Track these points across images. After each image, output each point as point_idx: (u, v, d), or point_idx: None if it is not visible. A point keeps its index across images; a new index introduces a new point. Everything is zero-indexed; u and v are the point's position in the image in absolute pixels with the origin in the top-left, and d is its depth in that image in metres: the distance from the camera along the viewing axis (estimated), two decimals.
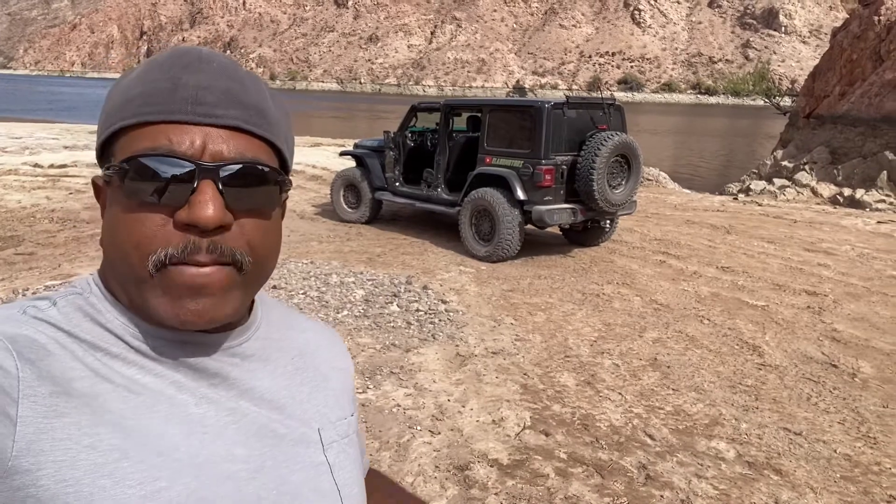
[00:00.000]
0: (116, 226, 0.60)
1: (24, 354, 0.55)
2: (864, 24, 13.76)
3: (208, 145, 0.59)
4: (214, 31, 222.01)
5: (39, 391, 0.54)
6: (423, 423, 3.46)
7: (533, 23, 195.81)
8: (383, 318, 5.02)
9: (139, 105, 0.60)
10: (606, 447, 3.30)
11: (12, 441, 0.52)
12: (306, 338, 0.78)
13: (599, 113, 7.07)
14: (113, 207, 0.61)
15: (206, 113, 0.59)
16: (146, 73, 0.62)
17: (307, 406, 0.72)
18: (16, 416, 0.53)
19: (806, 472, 3.14)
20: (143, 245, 0.58)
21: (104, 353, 0.60)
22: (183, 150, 0.58)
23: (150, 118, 0.59)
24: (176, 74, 0.60)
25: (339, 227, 8.47)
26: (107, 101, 0.64)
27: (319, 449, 0.70)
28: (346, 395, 0.79)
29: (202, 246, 0.58)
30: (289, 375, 0.72)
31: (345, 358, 0.83)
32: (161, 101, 0.59)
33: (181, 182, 0.58)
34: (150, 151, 0.58)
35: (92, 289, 0.64)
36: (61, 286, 5.41)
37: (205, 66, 0.61)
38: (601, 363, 4.37)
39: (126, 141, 0.60)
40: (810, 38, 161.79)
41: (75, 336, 0.59)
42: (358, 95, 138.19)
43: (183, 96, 0.59)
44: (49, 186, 10.36)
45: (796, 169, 13.25)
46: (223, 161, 0.59)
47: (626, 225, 8.65)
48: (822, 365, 4.45)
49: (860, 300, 5.87)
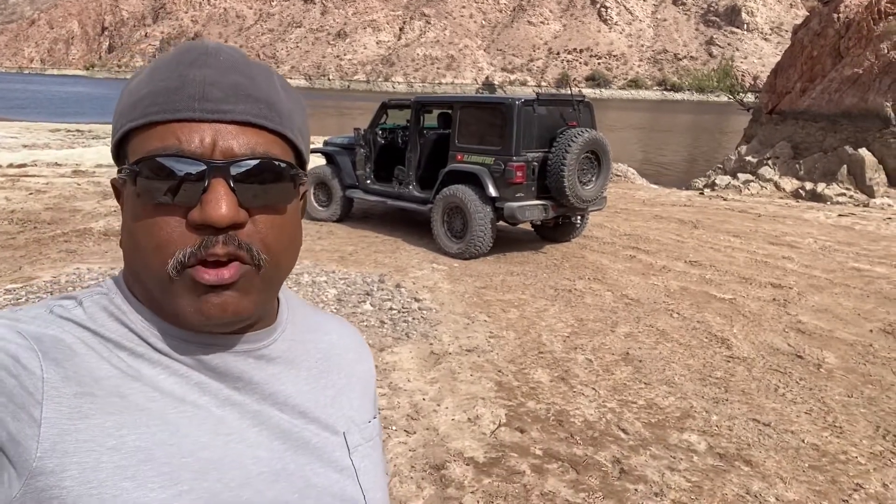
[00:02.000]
0: (134, 229, 0.59)
1: (49, 354, 0.55)
2: (824, 22, 14.10)
3: (218, 142, 0.58)
4: (178, 26, 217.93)
5: (64, 392, 0.54)
6: (398, 423, 3.45)
7: (501, 19, 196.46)
8: (356, 317, 4.98)
9: (147, 105, 0.59)
10: (581, 442, 3.33)
11: (37, 442, 0.52)
12: (331, 340, 0.77)
13: (569, 110, 7.12)
14: (129, 210, 0.61)
15: (214, 109, 0.58)
16: (154, 72, 0.61)
17: (332, 410, 0.71)
18: (40, 417, 0.53)
19: (775, 462, 3.21)
20: (161, 247, 0.57)
21: (129, 354, 0.60)
22: (192, 149, 0.57)
23: (158, 118, 0.58)
24: (182, 71, 0.59)
25: (310, 225, 8.39)
26: (118, 102, 0.63)
27: (345, 453, 0.69)
28: (369, 397, 0.78)
29: (218, 239, 0.57)
30: (313, 379, 0.71)
31: (368, 360, 0.82)
32: (168, 100, 0.58)
33: (192, 181, 0.57)
34: (160, 152, 0.57)
35: (116, 290, 0.64)
36: (22, 289, 5.25)
37: (211, 61, 0.60)
38: (574, 359, 4.40)
39: (137, 142, 0.60)
40: (772, 35, 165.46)
41: (101, 336, 0.59)
42: (327, 92, 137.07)
43: (190, 93, 0.58)
44: (8, 187, 10.05)
45: (760, 164, 13.53)
46: (234, 158, 0.58)
47: (596, 221, 8.73)
48: (789, 356, 4.55)
49: (823, 292, 6.02)
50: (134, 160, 0.59)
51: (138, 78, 0.63)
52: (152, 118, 0.58)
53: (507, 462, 3.12)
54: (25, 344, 0.55)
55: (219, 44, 0.63)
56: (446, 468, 3.04)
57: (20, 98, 54.02)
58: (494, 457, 3.16)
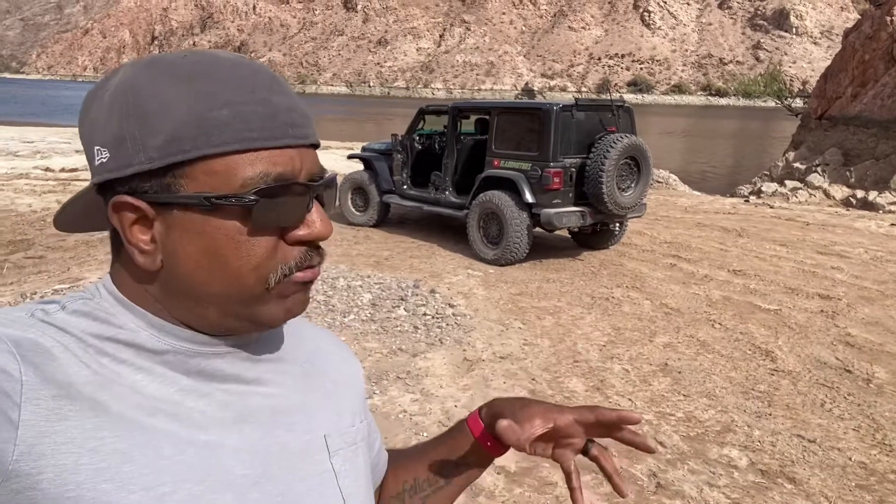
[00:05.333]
0: (224, 253, 0.60)
1: (28, 358, 0.55)
2: (877, 25, 13.62)
3: (304, 165, 0.62)
4: (225, 35, 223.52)
5: (42, 394, 0.54)
6: (429, 430, 3.42)
7: (542, 25, 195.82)
8: (390, 322, 4.99)
9: (238, 130, 0.58)
10: (616, 454, 3.25)
11: (13, 445, 0.52)
12: (315, 345, 0.78)
13: (608, 115, 7.02)
14: (208, 235, 0.59)
15: (301, 135, 0.62)
16: (222, 93, 0.58)
17: (315, 413, 0.71)
18: (18, 419, 0.52)
19: (820, 480, 3.08)
20: (262, 266, 0.60)
21: (111, 359, 0.59)
22: (290, 173, 0.61)
23: (256, 144, 0.59)
24: (264, 96, 0.60)
25: (347, 230, 8.46)
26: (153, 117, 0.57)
27: (326, 456, 0.69)
28: (355, 401, 0.78)
29: (317, 254, 0.64)
30: (297, 382, 0.71)
31: (353, 364, 0.83)
32: (262, 127, 0.59)
33: (297, 205, 0.61)
34: (271, 181, 0.59)
35: (102, 294, 0.63)
36: (70, 290, 5.42)
37: (282, 86, 0.63)
38: (611, 368, 4.31)
39: (220, 167, 0.58)
40: (821, 39, 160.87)
41: (82, 340, 0.59)
42: (367, 98, 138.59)
43: (284, 121, 0.61)
44: (60, 190, 10.42)
45: (808, 171, 13.13)
46: (316, 177, 0.64)
47: (635, 228, 8.58)
48: (836, 370, 4.38)
49: (874, 304, 5.78)
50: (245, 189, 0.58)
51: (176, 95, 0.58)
52: (250, 144, 0.59)
53: (539, 472, 3.07)
54: (4, 347, 0.55)
55: (262, 64, 0.66)
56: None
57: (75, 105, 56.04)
58: (526, 466, 3.11)
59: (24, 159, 13.68)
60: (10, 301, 5.10)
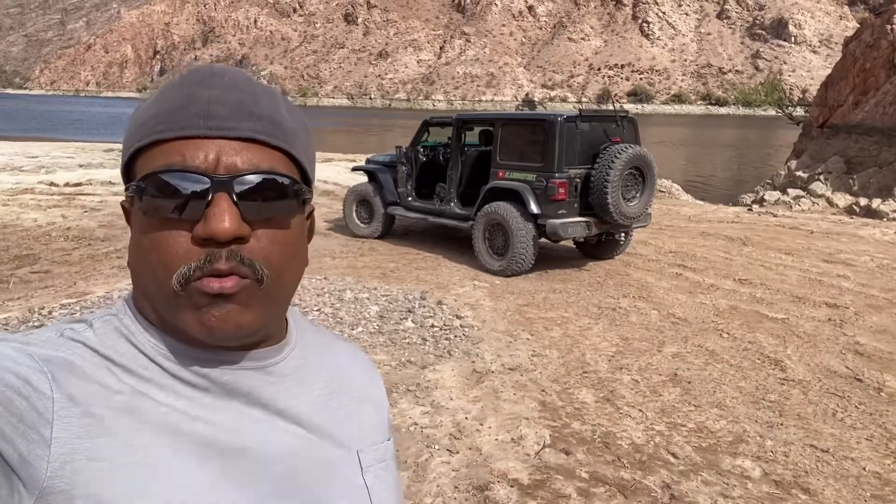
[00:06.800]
0: (141, 246, 0.61)
1: (58, 376, 0.56)
2: (877, 34, 13.67)
3: (222, 158, 0.59)
4: (226, 49, 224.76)
5: (73, 412, 0.55)
6: (441, 442, 3.41)
7: (542, 36, 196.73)
8: (398, 334, 4.98)
9: (153, 125, 0.60)
10: (629, 466, 3.23)
11: (47, 462, 0.53)
12: (340, 362, 0.77)
13: (612, 125, 7.04)
14: (136, 228, 0.62)
15: (218, 126, 0.59)
16: (161, 95, 0.63)
17: (344, 428, 0.71)
18: (50, 437, 0.54)
19: (835, 490, 3.06)
20: (167, 262, 0.58)
21: (137, 377, 0.60)
22: (196, 165, 0.58)
23: (163, 136, 0.60)
24: (188, 91, 0.61)
25: (352, 242, 8.46)
26: (128, 126, 0.65)
27: (358, 472, 0.69)
28: (382, 421, 0.78)
29: (221, 254, 0.58)
30: (324, 398, 0.71)
31: (379, 385, 0.82)
32: (173, 118, 0.60)
33: (197, 197, 0.58)
34: (165, 168, 0.59)
35: (126, 311, 0.65)
36: (77, 304, 5.42)
37: (217, 81, 0.62)
38: (620, 379, 4.30)
39: (143, 161, 0.61)
40: (821, 47, 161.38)
41: (110, 359, 0.60)
42: (368, 111, 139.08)
43: (195, 111, 0.59)
44: (64, 205, 10.45)
45: (811, 179, 13.13)
46: (237, 173, 0.59)
47: (640, 237, 8.58)
48: (847, 379, 4.36)
49: (882, 312, 5.77)
50: (139, 178, 0.60)
51: (147, 102, 0.64)
52: (157, 136, 0.60)
53: (552, 484, 3.06)
54: (36, 366, 0.56)
55: (225, 66, 0.65)
56: (490, 489, 2.99)
57: (77, 119, 56.33)
58: (539, 479, 3.10)
59: (29, 174, 13.73)
60: (17, 316, 5.10)
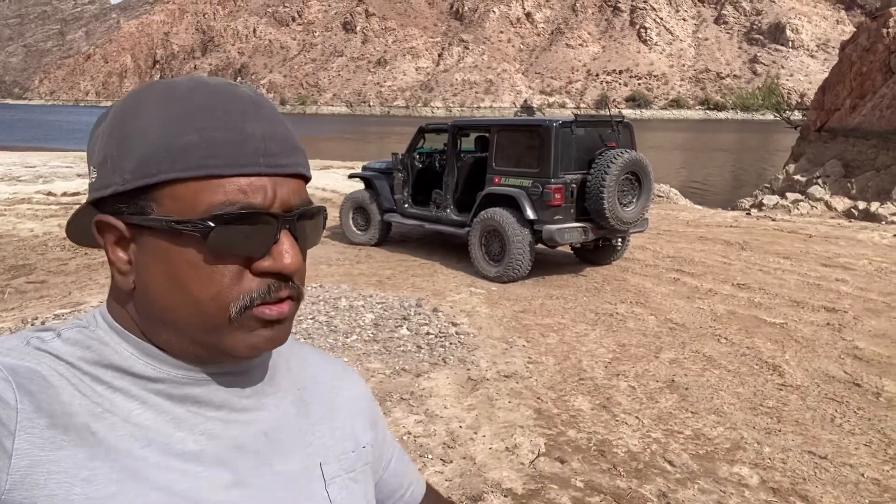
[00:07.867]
0: (180, 278, 0.59)
1: (24, 386, 0.55)
2: (873, 37, 13.69)
3: (277, 194, 0.60)
4: (225, 58, 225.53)
5: (37, 423, 0.54)
6: (434, 452, 3.37)
7: (539, 43, 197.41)
8: (393, 342, 4.95)
9: (204, 157, 0.57)
10: (624, 474, 3.20)
11: (6, 474, 0.52)
12: (313, 371, 0.77)
13: (608, 131, 7.02)
14: (171, 259, 0.59)
15: (275, 164, 0.60)
16: (191, 119, 0.58)
17: (310, 440, 0.71)
18: (11, 448, 0.53)
19: (833, 497, 3.02)
20: (223, 295, 0.59)
21: (106, 387, 0.59)
22: (260, 203, 0.59)
23: (220, 171, 0.58)
24: (237, 122, 0.59)
25: (349, 249, 8.44)
26: (129, 139, 0.59)
27: (321, 485, 0.69)
28: (357, 426, 0.77)
29: (283, 286, 0.61)
30: (293, 408, 0.71)
31: (354, 386, 0.81)
32: (232, 154, 0.58)
33: (263, 235, 0.59)
34: (231, 206, 0.58)
35: (98, 322, 0.63)
36: (72, 314, 5.39)
37: (262, 113, 0.61)
38: (616, 385, 4.26)
39: (185, 191, 0.58)
40: (818, 51, 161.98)
41: (77, 368, 0.59)
42: (367, 118, 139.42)
43: (254, 148, 0.59)
44: (62, 215, 10.43)
45: (809, 183, 13.12)
46: (292, 208, 0.61)
47: (637, 243, 8.55)
48: (845, 384, 4.33)
49: (881, 316, 5.73)
50: (205, 215, 0.57)
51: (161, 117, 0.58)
52: (213, 171, 0.58)
53: (546, 494, 3.02)
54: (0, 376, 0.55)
55: (250, 89, 0.64)
56: (483, 499, 2.95)
57: (77, 129, 56.41)
58: (533, 488, 3.06)
59: (27, 184, 13.72)
60: (10, 327, 5.07)
